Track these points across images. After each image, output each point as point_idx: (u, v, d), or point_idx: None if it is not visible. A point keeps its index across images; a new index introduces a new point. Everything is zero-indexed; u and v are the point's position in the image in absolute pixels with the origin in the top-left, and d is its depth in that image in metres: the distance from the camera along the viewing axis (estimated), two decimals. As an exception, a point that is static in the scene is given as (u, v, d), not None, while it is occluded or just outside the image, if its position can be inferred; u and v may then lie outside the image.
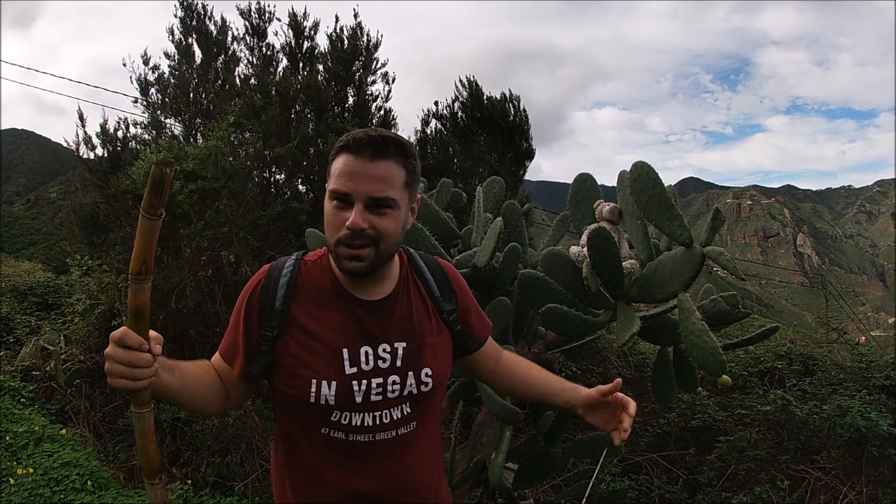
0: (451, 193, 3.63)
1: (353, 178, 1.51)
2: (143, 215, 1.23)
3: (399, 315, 1.68)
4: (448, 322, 1.79)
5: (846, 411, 5.50)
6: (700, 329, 2.53)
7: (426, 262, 1.83)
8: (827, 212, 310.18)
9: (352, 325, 1.61)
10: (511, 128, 7.71)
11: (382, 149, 1.53)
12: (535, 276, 2.87)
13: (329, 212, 1.55)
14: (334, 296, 1.63)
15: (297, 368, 1.57)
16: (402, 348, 1.65)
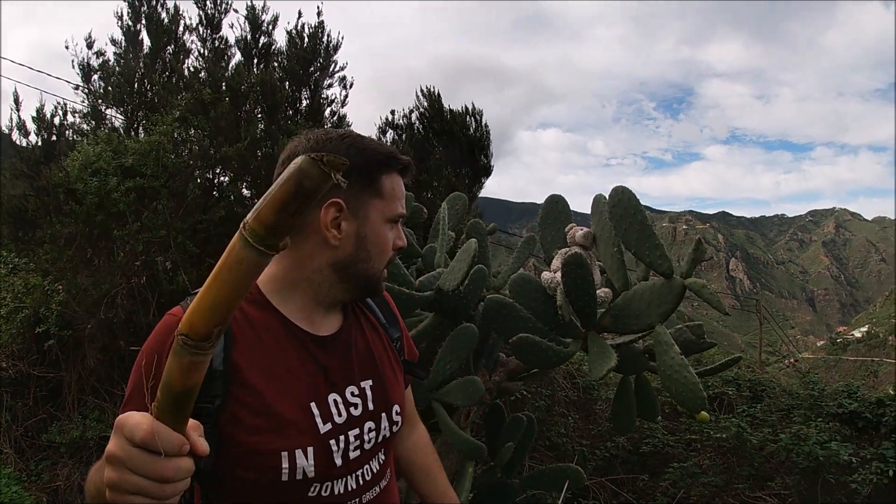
0: (412, 208, 3.41)
1: (402, 199, 1.45)
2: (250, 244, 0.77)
3: (357, 349, 1.45)
4: (399, 350, 1.62)
5: (803, 439, 5.49)
6: (679, 364, 2.40)
7: None
8: (760, 238, 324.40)
9: (313, 371, 1.34)
10: (471, 142, 7.51)
11: (412, 170, 1.50)
12: (503, 303, 2.67)
13: (386, 235, 1.41)
14: (283, 335, 1.33)
15: (258, 443, 1.21)
16: (369, 388, 1.43)
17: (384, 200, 1.37)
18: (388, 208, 1.38)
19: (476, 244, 2.47)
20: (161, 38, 7.36)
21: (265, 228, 0.75)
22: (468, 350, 2.68)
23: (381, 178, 1.37)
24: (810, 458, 5.34)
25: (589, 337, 2.73)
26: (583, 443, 6.78)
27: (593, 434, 7.14)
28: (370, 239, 1.37)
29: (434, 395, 2.86)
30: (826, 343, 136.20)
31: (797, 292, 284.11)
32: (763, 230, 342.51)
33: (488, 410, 3.34)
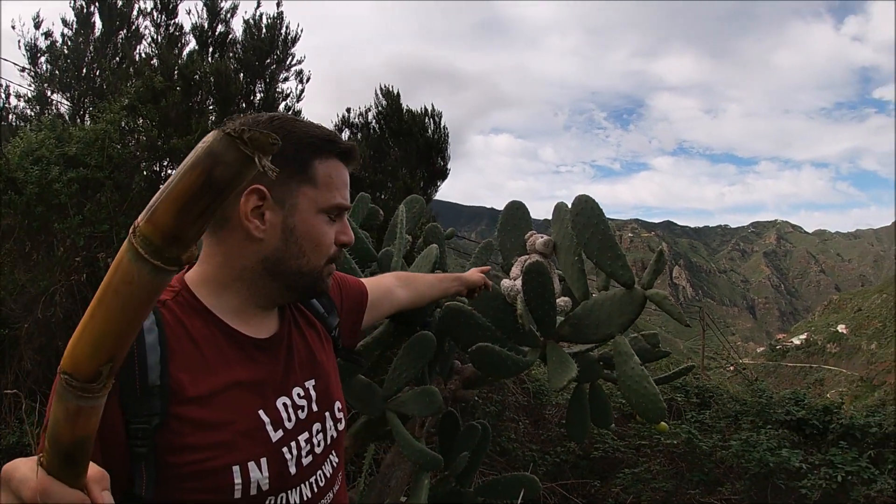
0: (369, 209, 3.31)
1: (345, 189, 1.33)
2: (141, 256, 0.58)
3: (297, 347, 1.37)
4: (335, 340, 1.56)
5: (754, 446, 5.59)
6: (640, 375, 2.37)
7: None
8: (703, 248, 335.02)
9: (258, 376, 1.24)
10: (429, 144, 7.35)
11: (356, 157, 1.39)
12: (461, 310, 2.60)
13: (322, 227, 1.28)
14: (223, 341, 1.22)
15: (206, 460, 1.10)
16: (312, 387, 1.35)
17: (317, 189, 1.25)
18: (322, 197, 1.26)
19: (437, 250, 2.40)
20: (114, 22, 7.07)
21: (162, 235, 0.55)
22: (425, 359, 2.59)
23: (314, 162, 1.25)
24: (761, 465, 5.44)
25: (548, 346, 2.68)
26: (533, 448, 6.77)
27: (543, 439, 7.15)
28: (300, 231, 1.25)
29: (389, 404, 2.78)
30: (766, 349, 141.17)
31: (738, 300, 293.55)
32: (706, 240, 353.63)
33: (442, 418, 3.27)
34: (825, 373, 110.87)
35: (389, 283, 1.96)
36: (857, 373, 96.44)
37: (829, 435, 6.19)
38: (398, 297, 1.95)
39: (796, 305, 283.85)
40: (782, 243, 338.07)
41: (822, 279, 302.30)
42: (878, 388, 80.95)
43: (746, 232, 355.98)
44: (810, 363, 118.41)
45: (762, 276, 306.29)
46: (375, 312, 1.82)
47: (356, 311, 1.71)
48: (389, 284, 1.95)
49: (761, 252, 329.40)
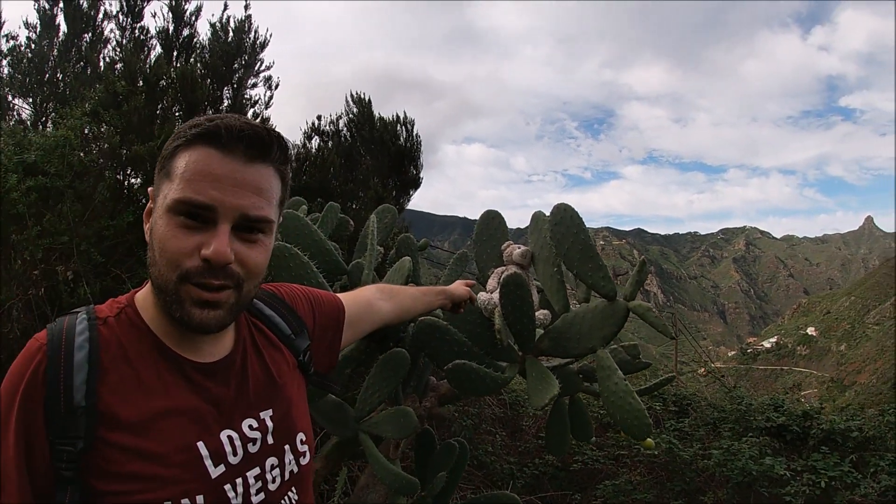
0: (337, 220, 3.17)
1: (217, 182, 1.06)
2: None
3: (254, 373, 1.23)
4: (304, 364, 1.39)
5: (735, 455, 5.53)
6: (624, 390, 2.27)
7: (259, 297, 1.39)
8: (673, 254, 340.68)
9: (200, 405, 1.12)
10: (401, 152, 7.16)
11: (265, 148, 1.11)
12: (436, 325, 2.47)
13: (169, 230, 1.06)
14: (163, 365, 1.10)
15: (136, 493, 1.00)
16: (269, 418, 1.21)
17: (171, 182, 1.07)
18: (172, 192, 1.06)
19: (410, 262, 2.27)
20: (79, 25, 6.81)
21: None
22: (398, 378, 2.46)
23: (178, 153, 1.09)
24: (744, 473, 5.38)
25: (527, 361, 2.57)
26: (511, 460, 6.66)
27: (521, 451, 7.05)
28: (155, 235, 1.09)
29: (361, 425, 2.64)
30: (737, 353, 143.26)
31: (709, 305, 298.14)
32: (676, 246, 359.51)
33: (418, 437, 3.14)
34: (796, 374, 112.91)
35: (370, 296, 1.80)
36: (828, 374, 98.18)
37: (809, 440, 6.18)
38: (381, 310, 1.80)
39: (766, 309, 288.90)
40: (751, 249, 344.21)
41: (790, 283, 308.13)
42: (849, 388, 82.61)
43: (716, 238, 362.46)
44: (781, 366, 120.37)
45: (732, 281, 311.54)
46: (356, 329, 1.67)
47: (332, 329, 1.55)
48: (370, 298, 1.79)
49: (731, 258, 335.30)
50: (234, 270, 1.08)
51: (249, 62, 6.27)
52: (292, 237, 2.68)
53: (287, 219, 2.68)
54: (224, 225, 1.06)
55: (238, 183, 1.07)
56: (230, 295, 1.10)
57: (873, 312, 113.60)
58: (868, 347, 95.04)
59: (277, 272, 2.31)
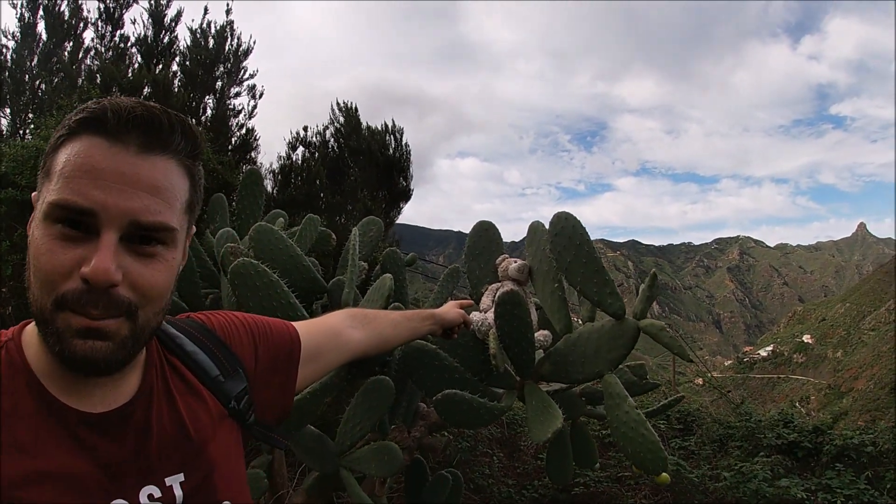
0: (319, 233, 2.91)
1: (101, 180, 0.82)
2: None
3: (161, 428, 0.96)
4: (238, 412, 1.09)
5: (748, 476, 5.24)
6: (636, 420, 2.02)
7: (182, 330, 1.11)
8: (668, 265, 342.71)
9: (83, 467, 0.86)
10: (390, 162, 6.81)
11: (164, 135, 0.88)
12: (423, 350, 2.21)
13: (44, 243, 0.83)
14: (42, 416, 0.86)
15: None
16: (179, 485, 0.95)
17: (50, 182, 0.86)
18: (49, 194, 0.84)
19: (391, 280, 2.01)
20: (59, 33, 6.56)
21: None
22: (382, 409, 2.21)
23: (61, 145, 0.87)
24: (757, 496, 5.09)
25: (526, 388, 2.31)
26: (509, 483, 6.38)
27: (519, 472, 6.77)
28: (30, 250, 0.86)
29: (342, 460, 2.38)
30: (734, 362, 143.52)
31: (704, 315, 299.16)
32: (671, 257, 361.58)
33: (408, 468, 2.88)
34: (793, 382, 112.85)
35: (337, 323, 1.50)
36: (825, 381, 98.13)
37: (822, 457, 5.91)
38: (351, 340, 1.49)
39: (761, 318, 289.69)
40: (745, 258, 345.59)
41: (785, 291, 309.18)
42: (846, 395, 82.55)
43: (710, 248, 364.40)
44: (778, 374, 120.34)
45: (727, 290, 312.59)
46: (318, 364, 1.36)
47: (283, 367, 1.25)
48: (337, 325, 1.49)
49: (725, 267, 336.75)
50: (121, 295, 0.83)
51: (232, 70, 5.97)
52: (265, 252, 2.43)
53: (259, 232, 2.43)
54: (109, 234, 0.82)
55: (127, 180, 0.83)
56: (120, 325, 0.84)
57: (869, 318, 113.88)
58: (864, 353, 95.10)
59: (242, 293, 2.06)
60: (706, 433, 6.77)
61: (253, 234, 2.42)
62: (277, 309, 2.10)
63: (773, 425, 6.46)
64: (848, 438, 5.85)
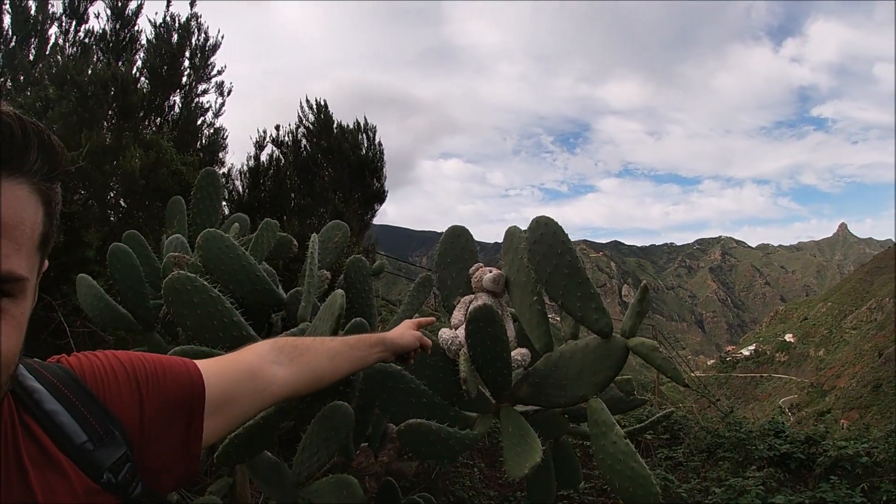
0: (278, 239, 2.66)
1: None
2: None
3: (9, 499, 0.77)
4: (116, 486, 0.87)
5: (741, 493, 5.02)
6: (624, 451, 1.80)
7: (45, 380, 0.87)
8: (650, 265, 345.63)
9: None
10: (362, 163, 6.51)
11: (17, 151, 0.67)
12: (387, 372, 1.97)
13: None
14: None
15: None
16: None
17: None
18: None
19: (342, 298, 1.75)
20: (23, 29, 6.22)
21: None
22: (341, 438, 1.96)
23: None
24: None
25: (502, 412, 2.07)
26: (490, 494, 6.15)
27: (501, 483, 6.54)
28: None
29: (301, 491, 2.13)
30: (716, 362, 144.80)
31: (686, 315, 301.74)
32: (653, 258, 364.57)
33: (378, 492, 2.64)
34: (776, 381, 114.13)
35: (256, 360, 1.21)
36: (808, 379, 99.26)
37: (815, 468, 5.71)
38: (274, 381, 1.20)
39: (743, 318, 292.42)
40: (727, 258, 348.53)
41: (767, 291, 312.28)
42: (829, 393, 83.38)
43: (692, 249, 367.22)
44: (760, 373, 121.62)
45: (709, 290, 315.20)
46: (230, 414, 1.09)
47: (181, 419, 1.00)
48: (255, 363, 1.20)
49: (707, 268, 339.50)
50: None
51: (199, 65, 5.64)
52: (214, 262, 2.18)
53: (207, 240, 2.18)
54: None
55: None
56: None
57: (850, 317, 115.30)
58: (846, 352, 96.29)
59: (177, 310, 1.81)
60: (694, 443, 6.56)
61: (200, 241, 2.17)
62: (219, 328, 1.85)
63: (763, 435, 6.27)
64: (842, 449, 5.64)
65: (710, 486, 5.39)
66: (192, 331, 1.84)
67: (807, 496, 5.13)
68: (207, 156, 5.74)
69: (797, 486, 5.68)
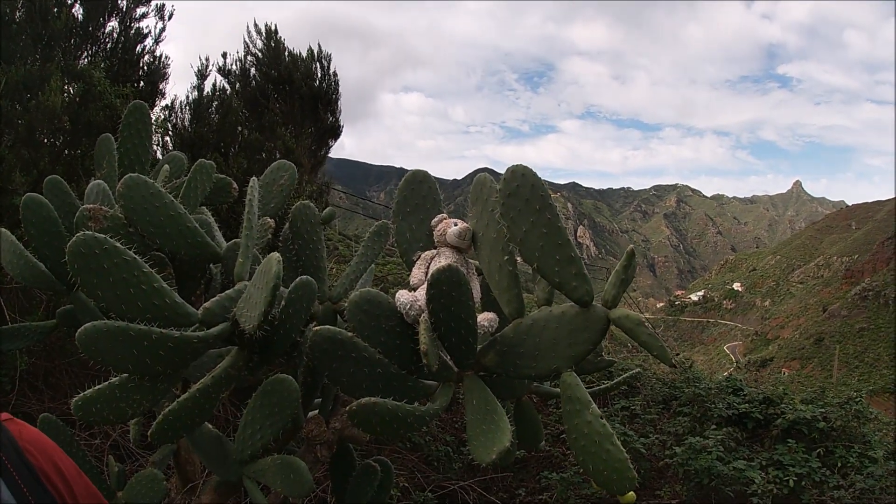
0: (215, 182, 2.35)
1: None
2: None
3: None
4: None
5: (700, 452, 5.00)
6: (600, 433, 1.64)
7: None
8: (607, 209, 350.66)
9: None
10: (315, 95, 6.07)
11: None
12: (336, 339, 1.73)
13: None
14: None
15: None
16: None
17: None
18: None
19: (278, 265, 1.48)
20: None
21: None
22: (287, 413, 1.74)
23: None
24: (710, 475, 4.86)
25: (465, 382, 1.86)
26: (447, 439, 6.07)
27: (458, 427, 6.47)
28: None
29: (245, 470, 1.92)
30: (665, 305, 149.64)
31: (639, 259, 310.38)
32: (609, 201, 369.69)
33: (333, 456, 2.44)
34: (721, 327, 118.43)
35: None
36: (752, 328, 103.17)
37: (772, 429, 5.75)
38: None
39: (694, 264, 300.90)
40: (682, 206, 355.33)
41: (719, 240, 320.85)
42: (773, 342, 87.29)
43: (648, 194, 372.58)
44: (708, 318, 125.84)
45: (662, 236, 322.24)
46: None
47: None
48: None
49: (662, 214, 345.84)
50: None
51: (135, -16, 5.09)
52: (137, 214, 1.87)
53: (129, 188, 1.87)
54: None
55: None
56: None
57: (797, 272, 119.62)
58: (791, 304, 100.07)
59: (86, 279, 1.52)
60: (650, 394, 6.56)
61: (122, 189, 1.86)
62: (138, 296, 1.57)
63: (721, 391, 6.29)
64: (799, 412, 5.69)
65: (667, 440, 5.39)
66: (106, 302, 1.56)
67: (763, 457, 5.16)
68: (148, 88, 5.25)
69: (754, 445, 5.74)
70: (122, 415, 1.73)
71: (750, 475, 4.75)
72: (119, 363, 1.59)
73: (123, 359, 1.58)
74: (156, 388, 1.73)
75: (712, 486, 4.84)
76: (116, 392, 1.70)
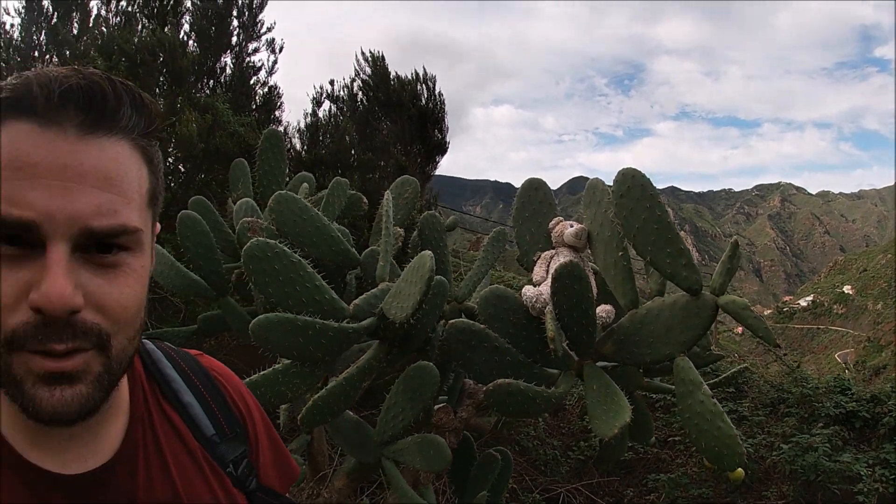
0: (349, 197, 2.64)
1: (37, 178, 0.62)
2: None
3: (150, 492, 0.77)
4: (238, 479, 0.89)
5: (807, 450, 4.94)
6: (712, 411, 1.77)
7: (178, 368, 0.89)
8: (708, 212, 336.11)
9: None
10: (423, 114, 6.40)
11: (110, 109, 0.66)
12: (470, 330, 1.96)
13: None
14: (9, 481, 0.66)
15: None
16: None
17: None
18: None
19: (431, 260, 1.72)
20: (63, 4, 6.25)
21: None
22: (427, 398, 1.97)
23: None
24: (816, 471, 4.79)
25: (586, 370, 2.05)
26: (554, 444, 6.19)
27: (565, 432, 6.57)
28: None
29: (385, 451, 2.17)
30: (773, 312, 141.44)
31: (744, 264, 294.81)
32: (711, 204, 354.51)
33: (456, 447, 2.67)
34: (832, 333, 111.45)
35: None
36: (864, 333, 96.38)
37: (879, 428, 5.56)
38: None
39: (802, 267, 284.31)
40: (786, 205, 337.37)
41: (826, 240, 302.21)
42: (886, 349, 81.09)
43: (750, 195, 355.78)
44: (818, 324, 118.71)
45: (767, 238, 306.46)
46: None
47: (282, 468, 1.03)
48: None
49: (766, 215, 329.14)
50: (87, 321, 0.63)
51: (247, 24, 5.61)
52: (287, 225, 2.18)
53: (279, 203, 2.17)
54: (57, 248, 0.61)
55: (70, 173, 0.63)
56: (90, 360, 0.64)
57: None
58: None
59: (259, 279, 1.81)
60: (758, 396, 6.46)
61: (273, 205, 2.17)
62: (302, 293, 1.86)
63: (829, 392, 6.16)
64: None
65: (775, 441, 5.31)
66: (275, 297, 1.85)
67: (870, 455, 5.01)
68: (263, 115, 5.73)
69: (861, 445, 5.56)
70: (281, 397, 2.02)
71: (857, 469, 4.63)
72: (286, 350, 1.87)
73: (290, 346, 1.86)
74: (313, 374, 2.01)
75: (819, 482, 4.74)
76: (280, 377, 1.99)
